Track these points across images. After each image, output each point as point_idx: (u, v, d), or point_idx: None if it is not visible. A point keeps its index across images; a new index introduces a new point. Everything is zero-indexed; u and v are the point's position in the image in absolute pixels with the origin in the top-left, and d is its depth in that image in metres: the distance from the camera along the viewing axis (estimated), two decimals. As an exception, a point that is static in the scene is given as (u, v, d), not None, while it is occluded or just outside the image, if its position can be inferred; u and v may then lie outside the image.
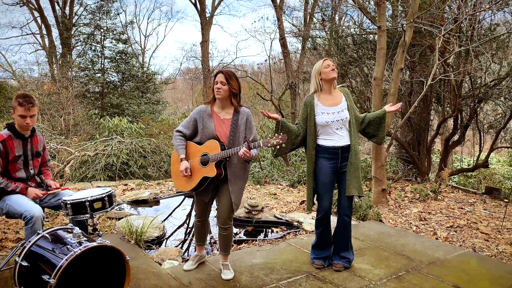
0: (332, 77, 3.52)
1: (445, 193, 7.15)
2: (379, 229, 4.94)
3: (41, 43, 23.94)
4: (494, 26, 8.11)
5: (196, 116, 3.38)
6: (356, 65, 9.00)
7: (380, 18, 5.71)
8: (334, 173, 3.59)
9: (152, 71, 20.81)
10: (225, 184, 3.35)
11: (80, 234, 2.79)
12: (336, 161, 3.55)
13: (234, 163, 3.31)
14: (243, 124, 3.33)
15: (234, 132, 3.30)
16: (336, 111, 3.53)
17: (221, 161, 3.26)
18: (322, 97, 3.59)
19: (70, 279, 2.65)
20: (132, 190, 6.86)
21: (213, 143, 3.25)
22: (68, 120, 11.02)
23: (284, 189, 7.55)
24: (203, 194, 3.44)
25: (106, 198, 3.24)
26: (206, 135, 3.31)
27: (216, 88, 3.26)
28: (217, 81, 3.26)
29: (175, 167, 3.48)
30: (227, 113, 3.36)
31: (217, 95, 3.27)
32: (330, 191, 3.62)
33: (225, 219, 3.39)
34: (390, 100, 6.03)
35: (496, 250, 4.47)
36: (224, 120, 3.34)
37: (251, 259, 3.90)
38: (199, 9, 21.02)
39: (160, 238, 4.56)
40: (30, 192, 3.33)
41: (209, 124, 3.32)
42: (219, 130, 3.31)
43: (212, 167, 3.23)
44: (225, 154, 3.19)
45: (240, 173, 3.35)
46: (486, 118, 9.84)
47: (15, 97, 3.33)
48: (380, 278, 3.53)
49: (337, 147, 3.53)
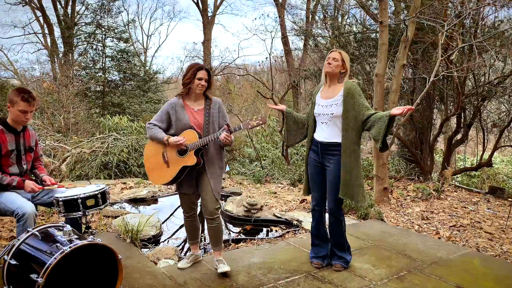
0: (325, 71, 3.43)
1: (448, 192, 7.04)
2: (381, 228, 4.84)
3: (43, 42, 23.97)
4: (498, 22, 7.99)
5: (169, 109, 3.40)
6: (357, 63, 8.90)
7: (381, 13, 5.61)
8: (319, 167, 3.51)
9: (153, 70, 20.74)
10: (204, 173, 3.37)
11: (71, 232, 2.71)
12: (318, 156, 3.49)
13: (210, 151, 3.35)
14: (216, 112, 3.40)
15: (209, 121, 3.35)
16: (327, 105, 3.42)
17: (200, 149, 3.28)
18: (324, 89, 3.54)
19: (61, 278, 2.57)
20: (131, 189, 6.78)
21: (190, 132, 3.28)
22: (68, 118, 10.95)
23: (284, 188, 7.46)
24: (185, 186, 3.43)
25: (99, 195, 3.16)
26: (181, 126, 3.33)
27: (200, 84, 3.30)
28: (201, 78, 3.29)
29: (149, 161, 3.47)
30: (199, 104, 3.41)
31: (200, 90, 3.33)
32: (318, 182, 3.54)
33: (211, 209, 3.35)
34: (392, 97, 5.93)
35: (500, 250, 4.36)
36: (197, 111, 3.38)
37: (249, 258, 3.81)
38: (201, 9, 20.97)
39: (156, 237, 4.48)
40: (27, 185, 3.24)
41: (183, 116, 3.34)
42: (194, 120, 3.35)
43: (191, 155, 3.26)
44: (205, 141, 3.23)
45: (216, 161, 3.40)
46: (490, 117, 9.73)
47: (15, 90, 3.25)
48: (381, 278, 3.44)
49: (317, 141, 3.47)
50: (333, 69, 3.40)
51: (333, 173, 3.38)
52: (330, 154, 3.40)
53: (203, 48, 21.09)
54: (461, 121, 9.01)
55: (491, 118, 9.75)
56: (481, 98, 8.46)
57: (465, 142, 9.77)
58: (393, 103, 6.02)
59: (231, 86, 20.16)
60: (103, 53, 18.02)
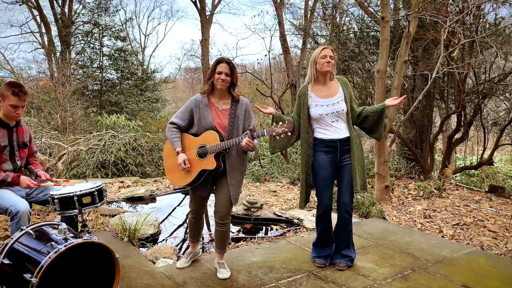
0: (326, 71, 3.31)
1: (450, 190, 6.97)
2: (383, 226, 4.76)
3: (40, 41, 23.79)
4: (499, 20, 7.93)
5: (193, 106, 3.20)
6: (357, 60, 8.83)
7: (383, 8, 5.53)
8: (333, 167, 3.39)
9: (151, 69, 20.64)
10: (223, 177, 3.19)
11: (66, 230, 2.61)
12: (335, 155, 3.36)
13: (232, 155, 3.16)
14: (242, 114, 3.19)
15: (233, 123, 3.14)
16: (331, 103, 3.32)
17: (220, 153, 3.10)
18: (316, 88, 3.39)
19: (56, 277, 2.48)
20: (128, 187, 6.68)
21: (212, 134, 3.09)
22: (65, 117, 10.84)
23: (284, 186, 7.37)
24: (200, 188, 3.26)
25: (96, 193, 3.06)
26: (204, 126, 3.14)
27: (220, 79, 3.08)
28: (221, 72, 3.08)
29: (169, 161, 3.30)
30: (225, 104, 3.20)
31: (221, 85, 3.10)
32: (330, 186, 3.43)
33: (223, 214, 3.22)
34: (394, 94, 5.85)
35: (505, 248, 4.29)
36: (222, 110, 3.18)
37: (250, 258, 3.72)
38: (199, 8, 20.86)
39: (155, 236, 4.38)
40: (22, 181, 3.13)
41: (207, 114, 3.15)
42: (218, 121, 3.15)
43: (211, 159, 3.07)
44: (226, 145, 3.03)
45: (238, 165, 3.21)
46: (490, 115, 9.67)
47: (6, 85, 3.14)
48: (385, 277, 3.35)
49: (335, 140, 3.33)
50: (330, 69, 3.32)
51: (350, 167, 3.33)
52: (345, 149, 3.35)
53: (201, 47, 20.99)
54: (462, 119, 8.95)
55: (491, 117, 9.69)
56: (481, 96, 8.39)
57: (466, 140, 9.71)
58: (394, 100, 5.94)
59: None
60: (101, 52, 17.93)
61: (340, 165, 3.39)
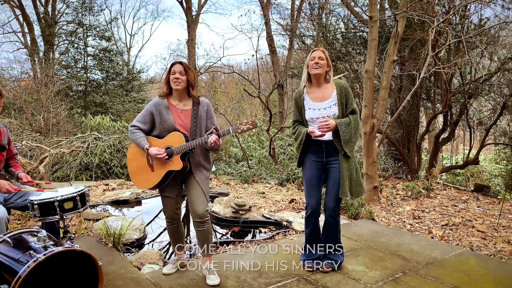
0: (314, 74, 3.25)
1: (438, 190, 6.98)
2: (372, 228, 4.72)
3: (22, 41, 23.32)
4: (484, 20, 7.99)
5: (153, 109, 3.19)
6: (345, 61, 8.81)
7: (371, 8, 5.50)
8: (320, 168, 3.34)
9: (137, 69, 20.38)
10: (191, 176, 3.20)
11: (46, 237, 2.50)
12: (321, 155, 3.32)
13: (197, 154, 3.19)
14: (204, 114, 3.21)
15: (196, 123, 3.16)
16: (323, 107, 3.27)
17: (186, 153, 3.11)
18: (311, 91, 3.35)
19: (37, 286, 2.36)
20: (113, 190, 6.53)
21: (177, 135, 3.10)
22: (49, 119, 10.59)
23: (272, 187, 7.30)
24: (169, 190, 3.24)
25: (78, 198, 2.96)
26: (165, 128, 3.14)
27: (174, 78, 3.10)
28: (174, 71, 3.11)
29: (132, 165, 3.26)
30: (185, 105, 3.21)
31: (176, 85, 3.10)
32: (316, 186, 3.37)
33: (202, 211, 3.15)
34: (382, 94, 5.83)
35: (494, 248, 4.28)
36: (183, 111, 3.18)
37: (238, 262, 3.62)
38: (185, 8, 20.68)
39: (140, 241, 4.27)
40: (2, 185, 2.99)
41: (167, 116, 3.14)
42: (179, 122, 3.15)
43: (177, 160, 3.08)
44: (192, 144, 3.05)
45: (204, 163, 3.25)
46: (476, 115, 9.76)
47: None
48: (376, 280, 3.30)
49: (321, 141, 3.29)
50: (322, 70, 3.25)
51: (337, 171, 3.26)
52: (332, 152, 3.28)
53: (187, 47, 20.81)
54: (448, 119, 9.00)
55: (477, 116, 9.78)
56: (467, 96, 8.45)
57: (452, 140, 9.78)
58: (383, 100, 5.92)
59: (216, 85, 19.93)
60: (85, 52, 17.61)
61: (327, 166, 3.34)
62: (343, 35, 9.38)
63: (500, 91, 8.50)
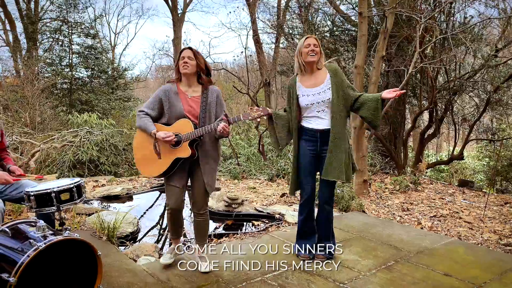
0: (309, 61, 3.27)
1: (425, 184, 7.12)
2: (363, 219, 4.80)
3: (4, 39, 22.90)
4: (468, 18, 8.17)
5: (161, 95, 3.13)
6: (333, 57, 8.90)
7: (361, 4, 5.59)
8: (314, 157, 3.39)
9: (122, 67, 20.20)
10: (197, 167, 3.16)
11: (45, 227, 2.49)
12: (315, 144, 3.36)
13: (205, 142, 3.14)
14: (213, 101, 3.15)
15: (205, 110, 3.10)
16: (317, 92, 3.30)
17: (194, 140, 3.05)
18: (304, 78, 3.38)
19: (35, 276, 2.36)
20: (103, 186, 6.49)
21: (185, 122, 3.04)
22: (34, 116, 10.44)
23: (263, 183, 7.35)
24: (175, 179, 3.17)
25: (75, 189, 2.93)
26: (174, 114, 3.09)
27: (182, 63, 3.05)
28: (183, 57, 3.06)
29: (139, 153, 3.20)
30: (195, 91, 3.16)
31: (184, 69, 3.05)
32: (312, 175, 3.43)
33: (200, 204, 3.17)
34: (372, 89, 5.92)
35: (481, 238, 4.41)
36: (192, 98, 3.13)
37: (233, 253, 3.65)
38: (171, 6, 20.59)
39: (134, 234, 4.27)
40: (0, 176, 2.96)
41: (176, 102, 3.09)
42: (188, 108, 3.10)
43: (185, 147, 3.02)
44: (201, 131, 3.00)
45: (212, 152, 3.19)
46: (460, 112, 9.97)
47: None
48: (369, 268, 3.37)
49: (315, 130, 3.33)
50: (318, 57, 3.29)
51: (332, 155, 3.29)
52: (326, 140, 3.30)
53: (173, 46, 20.73)
54: (434, 116, 9.18)
55: (461, 113, 9.99)
56: (452, 93, 8.63)
57: (437, 136, 9.96)
58: (372, 96, 6.01)
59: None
60: (70, 49, 17.37)
61: (321, 155, 3.38)
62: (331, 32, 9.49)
63: (484, 87, 8.71)
